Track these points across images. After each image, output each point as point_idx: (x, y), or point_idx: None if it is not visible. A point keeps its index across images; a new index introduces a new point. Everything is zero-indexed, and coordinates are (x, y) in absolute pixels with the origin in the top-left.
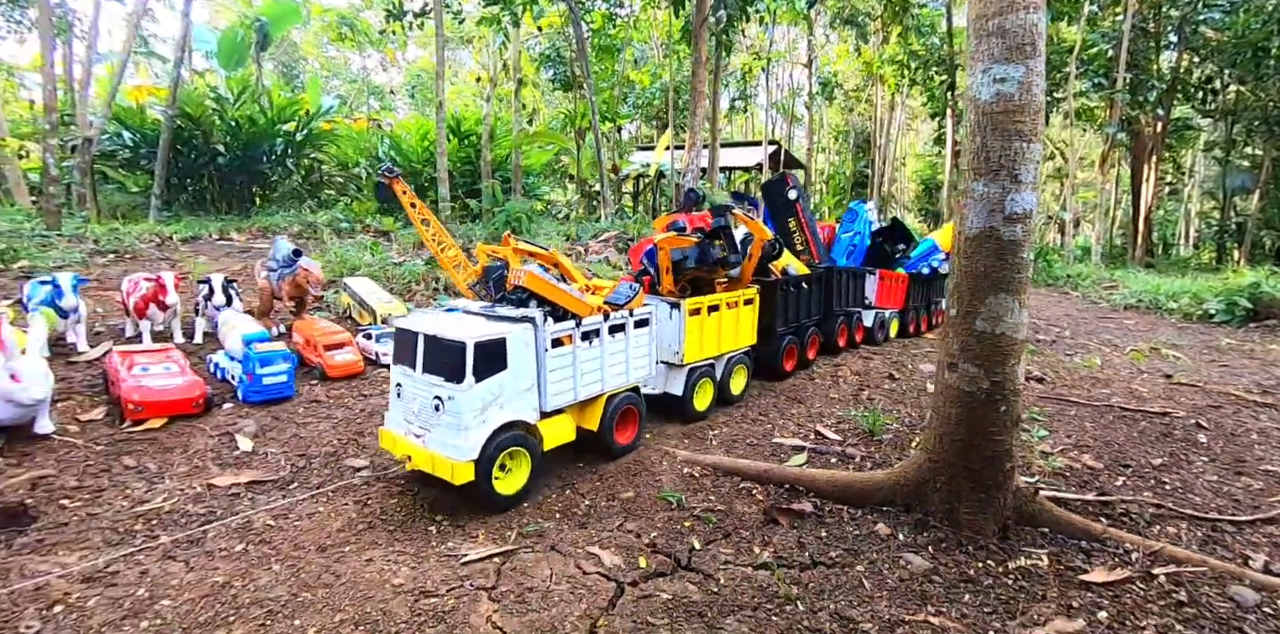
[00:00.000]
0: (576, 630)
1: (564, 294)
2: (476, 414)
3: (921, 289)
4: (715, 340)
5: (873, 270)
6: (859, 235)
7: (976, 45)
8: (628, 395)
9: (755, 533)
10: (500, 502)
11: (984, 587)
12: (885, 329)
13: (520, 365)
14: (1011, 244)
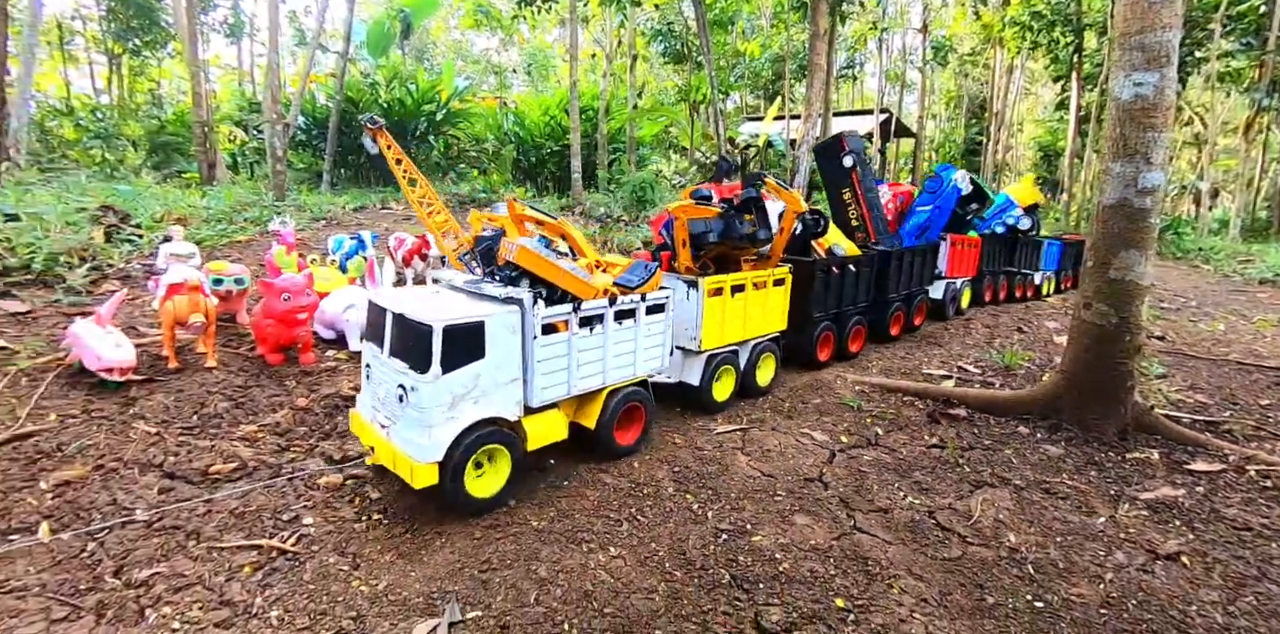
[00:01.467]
0: (810, 472)
1: (562, 272)
2: (443, 409)
3: (999, 252)
4: (739, 324)
5: (943, 237)
6: (939, 209)
7: (1120, 55)
8: (633, 390)
9: (922, 428)
10: (472, 506)
11: (1106, 468)
12: (957, 302)
13: (502, 354)
14: (1141, 211)
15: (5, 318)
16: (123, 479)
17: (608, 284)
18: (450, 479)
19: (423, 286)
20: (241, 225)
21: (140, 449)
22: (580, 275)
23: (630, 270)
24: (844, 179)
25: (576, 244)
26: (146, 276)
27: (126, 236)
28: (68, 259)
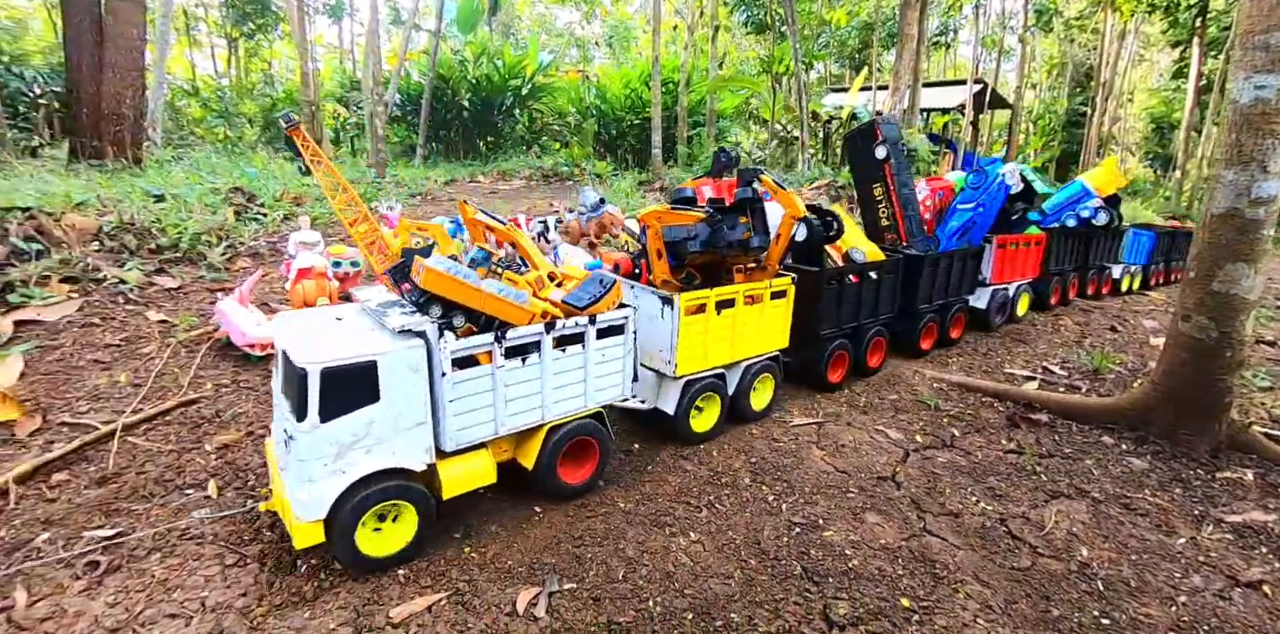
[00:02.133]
0: (884, 471)
1: (483, 296)
2: (326, 462)
3: (1072, 248)
4: (727, 345)
5: (988, 239)
6: (984, 208)
7: (1242, 56)
8: (583, 423)
9: (1000, 432)
10: (368, 565)
11: (1193, 486)
12: (1008, 309)
13: (402, 396)
14: (1253, 223)
15: (161, 293)
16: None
17: (549, 305)
18: (338, 538)
19: (344, 306)
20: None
21: None
22: (509, 297)
23: (582, 287)
24: (875, 172)
25: (526, 254)
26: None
27: (253, 215)
28: (208, 238)
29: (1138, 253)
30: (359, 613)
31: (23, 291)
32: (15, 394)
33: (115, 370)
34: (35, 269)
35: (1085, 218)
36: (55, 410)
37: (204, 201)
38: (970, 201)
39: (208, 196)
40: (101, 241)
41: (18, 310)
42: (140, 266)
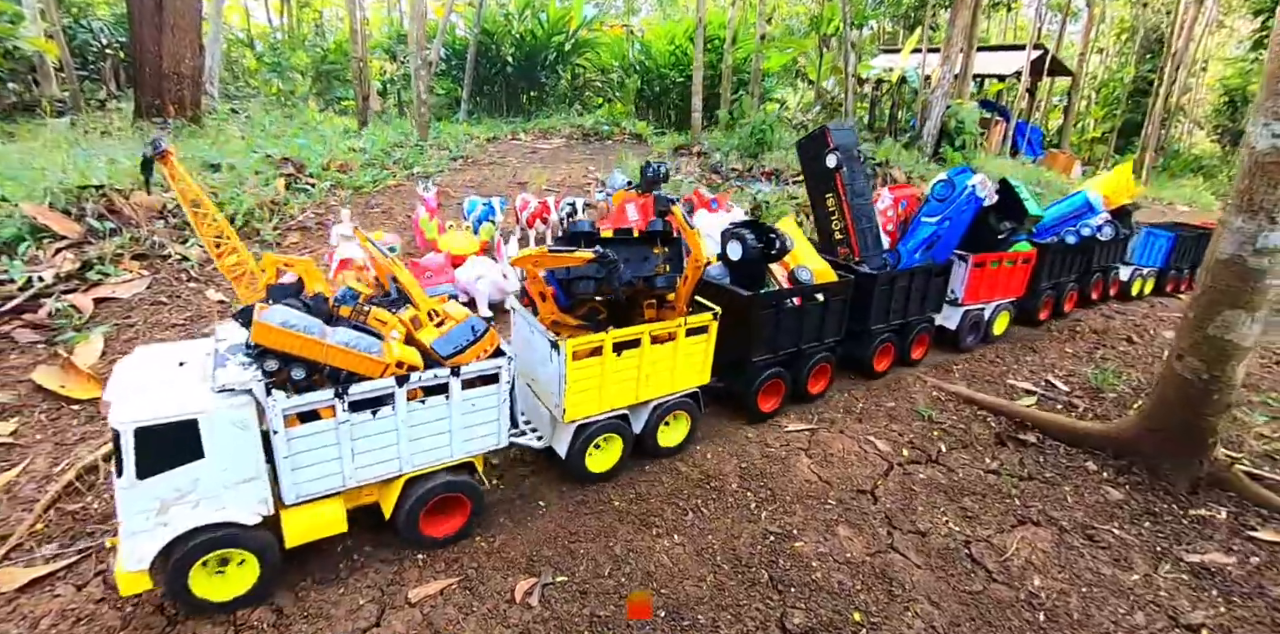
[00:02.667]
0: (864, 484)
1: (327, 349)
2: (148, 516)
3: (1069, 262)
4: (631, 386)
5: (963, 257)
6: (950, 222)
7: (1264, 99)
8: (447, 481)
9: (987, 449)
10: (207, 608)
11: (1163, 521)
12: (983, 330)
13: (229, 452)
14: (1256, 272)
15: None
16: None
17: (413, 353)
18: (169, 585)
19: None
20: (391, 170)
21: None
22: (358, 349)
23: (451, 333)
24: (827, 181)
25: (407, 289)
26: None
27: (301, 186)
28: (260, 213)
29: (1152, 255)
30: (383, 591)
31: (99, 269)
32: (98, 373)
33: None
34: (110, 248)
35: (1086, 236)
36: None
37: (256, 171)
38: (935, 214)
39: (260, 165)
40: (165, 219)
41: (97, 287)
42: (198, 241)
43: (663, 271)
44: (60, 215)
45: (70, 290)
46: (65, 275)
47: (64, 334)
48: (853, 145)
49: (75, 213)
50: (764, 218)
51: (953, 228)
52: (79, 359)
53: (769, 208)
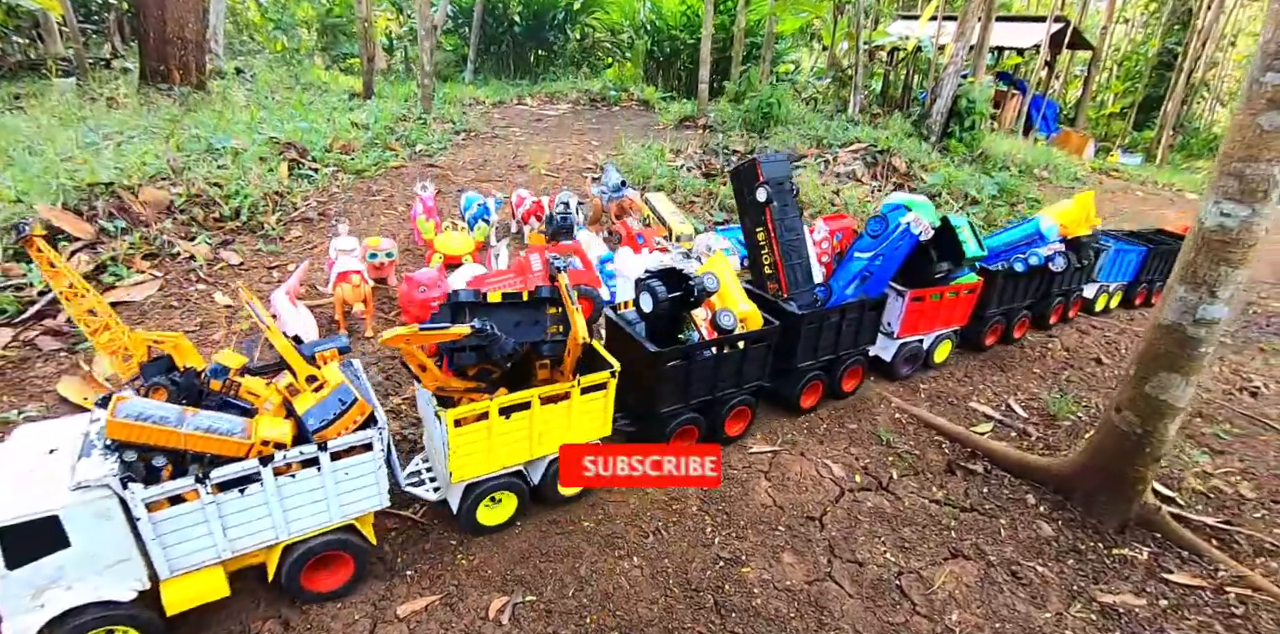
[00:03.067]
0: (814, 510)
1: (183, 437)
2: (24, 600)
3: (1023, 288)
4: (524, 445)
5: (900, 291)
6: (883, 259)
7: (1216, 179)
8: (331, 539)
9: (936, 476)
10: None
11: (1087, 559)
12: (919, 360)
13: (96, 540)
14: (1194, 340)
15: (226, 270)
16: None
17: (275, 432)
18: None
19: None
20: (394, 148)
21: None
22: (217, 434)
23: (320, 405)
24: (758, 216)
25: (283, 355)
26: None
27: (305, 171)
28: (264, 204)
29: (1120, 271)
30: (375, 606)
31: (112, 270)
32: (119, 387)
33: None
34: (122, 248)
35: (1035, 264)
36: None
37: (260, 157)
38: (868, 250)
39: (263, 150)
40: (174, 216)
41: (111, 291)
42: (207, 239)
43: (556, 332)
44: (73, 216)
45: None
46: (82, 277)
47: (82, 342)
48: (785, 177)
49: (87, 212)
50: None
51: (886, 264)
52: (96, 369)
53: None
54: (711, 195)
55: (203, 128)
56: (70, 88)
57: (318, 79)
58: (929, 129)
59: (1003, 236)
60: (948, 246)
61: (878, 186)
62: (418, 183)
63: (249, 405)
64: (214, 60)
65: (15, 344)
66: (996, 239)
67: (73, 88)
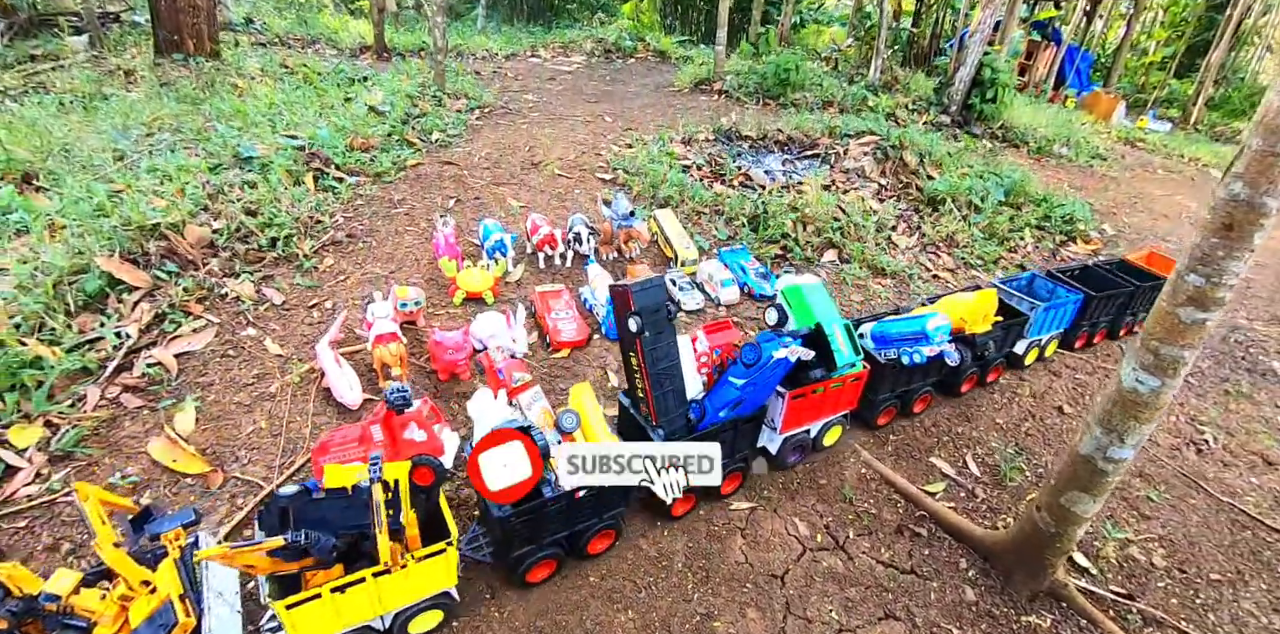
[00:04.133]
0: (778, 569)
1: None
2: None
3: (919, 371)
4: (367, 607)
5: (780, 392)
6: (755, 387)
7: (1138, 347)
8: None
9: (887, 537)
10: None
11: (999, 624)
12: (807, 448)
13: None
14: (1103, 472)
15: (271, 311)
16: None
17: None
18: None
19: None
20: (413, 142)
21: None
22: None
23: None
24: (630, 342)
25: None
26: (357, 243)
27: (329, 182)
28: (297, 231)
29: (1055, 323)
30: None
31: (172, 318)
32: (199, 446)
33: (255, 414)
34: (178, 295)
35: (918, 363)
36: (226, 461)
37: (287, 169)
38: (742, 377)
39: (288, 161)
40: (218, 253)
41: (174, 341)
42: (250, 277)
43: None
44: (131, 267)
45: (151, 344)
46: (144, 327)
47: (160, 400)
48: (659, 304)
49: (141, 259)
50: (761, 230)
51: (759, 391)
52: (178, 429)
53: (766, 218)
54: (718, 213)
55: (222, 120)
56: (83, 46)
57: (326, 29)
58: (949, 98)
59: (896, 325)
60: (821, 351)
61: (886, 186)
62: (438, 218)
63: (86, 623)
64: (224, 11)
65: (103, 404)
66: (892, 326)
67: (85, 46)
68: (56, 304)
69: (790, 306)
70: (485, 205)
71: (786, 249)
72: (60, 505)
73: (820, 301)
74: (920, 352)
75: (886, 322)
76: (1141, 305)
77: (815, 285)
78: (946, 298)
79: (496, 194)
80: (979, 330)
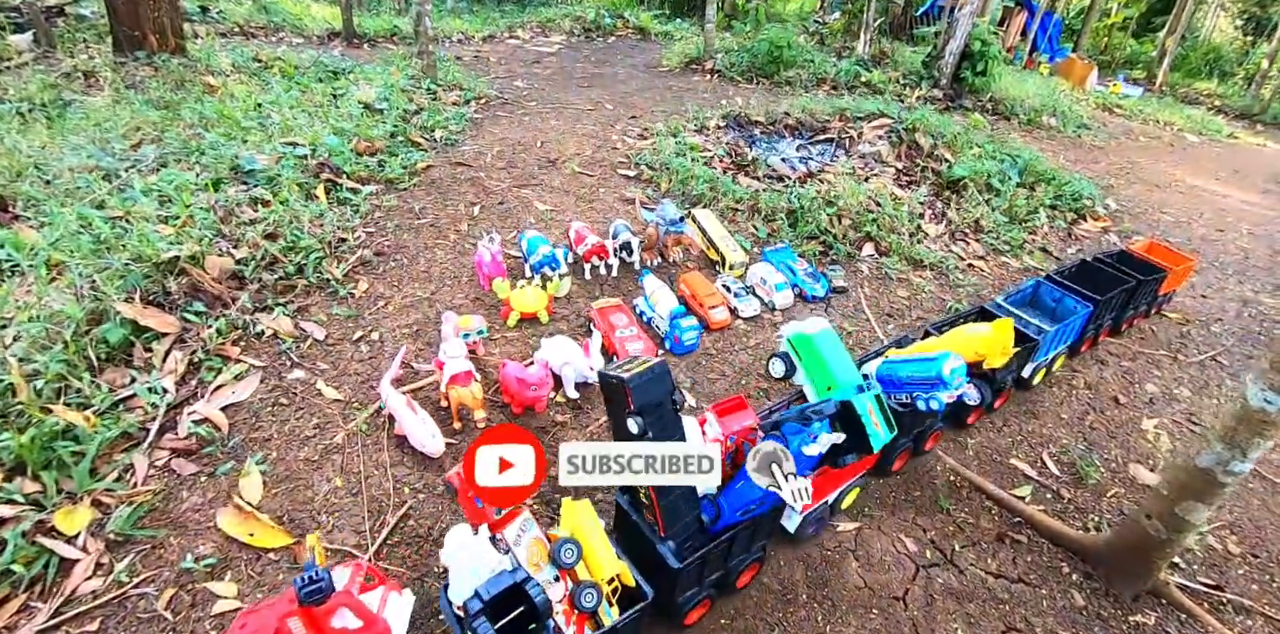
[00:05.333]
0: (898, 590)
1: None
2: None
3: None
4: None
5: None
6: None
7: (1267, 369)
8: None
9: (990, 546)
10: None
11: (1109, 626)
12: (826, 517)
13: None
14: (1221, 484)
15: (316, 349)
16: None
17: None
18: None
19: None
20: (419, 144)
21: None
22: None
23: None
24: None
25: None
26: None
27: (343, 194)
28: (323, 252)
29: (1063, 339)
30: None
31: (208, 364)
32: (273, 515)
33: (326, 470)
34: (211, 338)
35: (935, 410)
36: (308, 528)
37: (296, 182)
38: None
39: (296, 172)
40: (244, 285)
41: (217, 392)
42: (284, 310)
43: None
44: (156, 310)
45: (191, 396)
46: (180, 379)
47: (218, 463)
48: (663, 396)
49: (164, 302)
50: (800, 226)
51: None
52: (246, 497)
53: (803, 213)
54: (755, 210)
55: (209, 127)
56: (28, 45)
57: (290, 15)
58: (939, 71)
59: (906, 368)
60: (852, 431)
61: (904, 170)
62: (485, 236)
63: None
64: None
65: (153, 473)
66: (901, 369)
67: (30, 45)
68: (78, 360)
69: (799, 357)
70: (512, 211)
71: (826, 245)
72: (133, 598)
73: (833, 353)
74: (938, 397)
75: (895, 363)
76: (1143, 298)
77: (824, 332)
78: (954, 331)
79: (521, 198)
80: (997, 365)
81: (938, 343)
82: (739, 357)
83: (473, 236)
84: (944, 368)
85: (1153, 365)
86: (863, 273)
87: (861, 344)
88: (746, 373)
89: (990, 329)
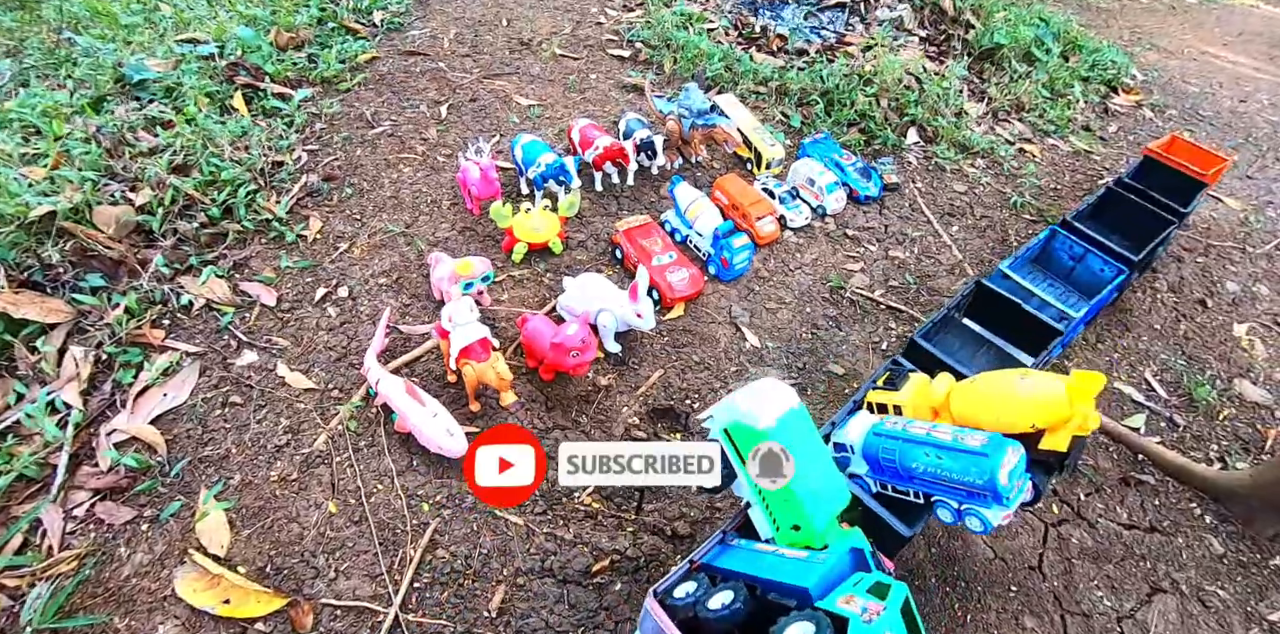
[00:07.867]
0: (1031, 558)
1: None
2: None
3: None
4: None
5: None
6: None
7: None
8: None
9: (1115, 491)
10: None
11: (1250, 573)
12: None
13: None
14: None
15: (267, 319)
16: None
17: None
18: None
19: None
20: (355, 30)
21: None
22: None
23: None
24: None
25: None
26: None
27: (271, 103)
28: (254, 184)
29: (1090, 313)
30: None
31: (123, 360)
32: (253, 568)
33: (311, 491)
34: (121, 322)
35: (976, 532)
36: (303, 580)
37: (205, 92)
38: None
39: (200, 76)
40: (153, 241)
41: (143, 399)
42: (215, 270)
43: None
44: (33, 294)
45: (107, 407)
46: (86, 387)
47: (163, 504)
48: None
49: (44, 279)
50: (836, 111)
51: None
52: (209, 546)
53: (838, 95)
54: (783, 93)
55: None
56: None
57: None
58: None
59: (928, 456)
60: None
61: (932, 37)
62: (470, 146)
63: None
64: None
65: (75, 530)
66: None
67: None
68: None
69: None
70: (488, 110)
71: (868, 132)
72: None
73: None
74: (982, 516)
75: (899, 438)
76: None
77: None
78: (986, 379)
79: (495, 91)
80: (1063, 446)
81: (966, 399)
82: (796, 278)
83: (445, 146)
84: (1000, 470)
85: (1225, 260)
86: (912, 165)
87: (929, 253)
88: (809, 298)
89: (1064, 385)
